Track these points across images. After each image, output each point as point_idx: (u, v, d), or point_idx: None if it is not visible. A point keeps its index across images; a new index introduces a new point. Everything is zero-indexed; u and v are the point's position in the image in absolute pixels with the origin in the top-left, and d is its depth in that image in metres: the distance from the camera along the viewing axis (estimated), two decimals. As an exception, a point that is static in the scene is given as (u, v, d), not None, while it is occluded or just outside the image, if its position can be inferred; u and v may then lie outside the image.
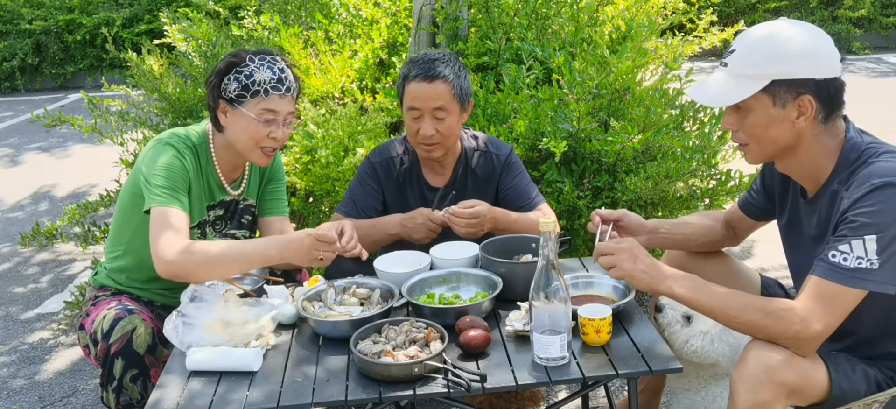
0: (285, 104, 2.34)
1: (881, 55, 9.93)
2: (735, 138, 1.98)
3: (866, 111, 7.06)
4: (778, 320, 1.82)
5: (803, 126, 1.88)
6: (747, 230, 2.37)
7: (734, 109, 1.93)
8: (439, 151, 2.60)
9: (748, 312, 1.86)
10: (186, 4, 7.94)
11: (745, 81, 1.87)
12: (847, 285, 1.78)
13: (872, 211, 1.77)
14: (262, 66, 2.31)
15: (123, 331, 2.20)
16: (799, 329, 1.80)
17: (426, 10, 3.71)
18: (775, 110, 1.87)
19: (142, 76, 4.31)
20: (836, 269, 1.79)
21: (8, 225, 5.49)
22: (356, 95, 3.80)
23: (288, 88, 2.33)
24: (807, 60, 1.84)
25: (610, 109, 3.42)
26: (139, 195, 2.32)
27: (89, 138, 5.02)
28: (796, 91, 1.85)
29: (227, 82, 2.31)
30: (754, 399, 1.81)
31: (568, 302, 1.87)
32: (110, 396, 2.23)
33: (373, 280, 2.31)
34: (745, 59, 1.88)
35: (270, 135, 2.33)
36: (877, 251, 1.76)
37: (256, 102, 2.30)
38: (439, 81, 2.49)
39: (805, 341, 1.81)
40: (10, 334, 3.85)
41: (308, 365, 1.98)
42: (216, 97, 2.35)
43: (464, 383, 1.81)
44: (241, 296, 2.27)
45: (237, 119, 2.33)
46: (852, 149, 1.90)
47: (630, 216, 2.31)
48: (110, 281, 2.50)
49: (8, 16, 10.51)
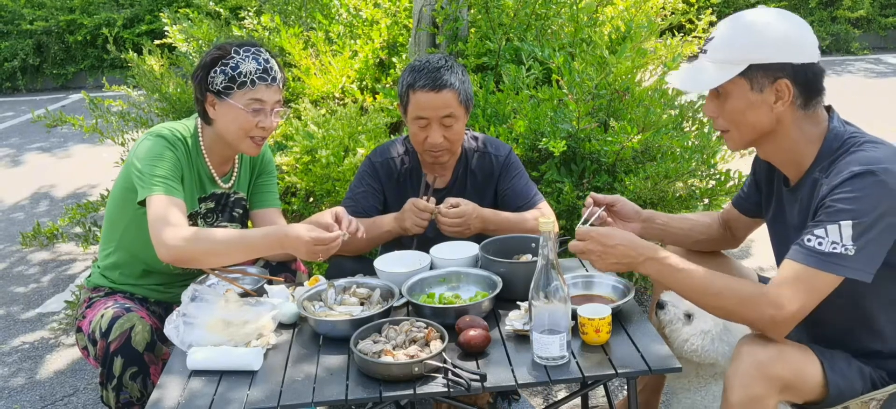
0: (272, 93, 2.36)
1: (880, 55, 9.93)
2: (717, 126, 2.01)
3: (865, 111, 7.08)
4: (752, 306, 1.84)
5: (782, 111, 1.90)
6: (744, 230, 2.37)
7: (714, 96, 1.96)
8: (446, 157, 2.61)
9: (724, 297, 1.88)
10: (187, 5, 7.95)
11: (724, 66, 1.90)
12: (821, 268, 1.79)
13: (850, 197, 1.78)
14: (247, 57, 2.33)
15: (122, 329, 2.20)
16: (773, 313, 1.81)
17: (426, 11, 3.72)
18: (753, 95, 1.89)
19: (143, 76, 4.32)
20: (811, 253, 1.80)
21: (9, 225, 5.49)
22: (356, 96, 3.80)
23: (274, 78, 2.36)
24: (784, 46, 1.87)
25: (609, 109, 3.42)
26: (130, 189, 2.33)
27: (90, 138, 5.03)
28: (773, 75, 1.87)
29: (214, 75, 2.34)
30: (747, 394, 1.82)
31: (568, 302, 1.87)
32: (110, 394, 2.23)
33: (373, 280, 2.31)
34: (724, 45, 1.91)
35: (259, 124, 2.36)
36: (852, 237, 1.77)
37: (244, 92, 2.33)
38: (447, 89, 2.50)
39: (780, 323, 1.82)
40: (10, 334, 3.86)
41: (308, 365, 1.99)
42: (203, 90, 2.37)
43: (464, 382, 1.81)
44: (241, 296, 2.28)
45: (225, 111, 2.35)
46: (835, 138, 1.91)
47: (624, 202, 2.32)
48: (104, 280, 2.51)
49: (9, 16, 10.51)
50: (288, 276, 2.56)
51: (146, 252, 2.35)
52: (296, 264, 2.63)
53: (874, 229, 1.77)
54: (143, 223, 2.27)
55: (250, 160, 2.61)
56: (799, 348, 1.92)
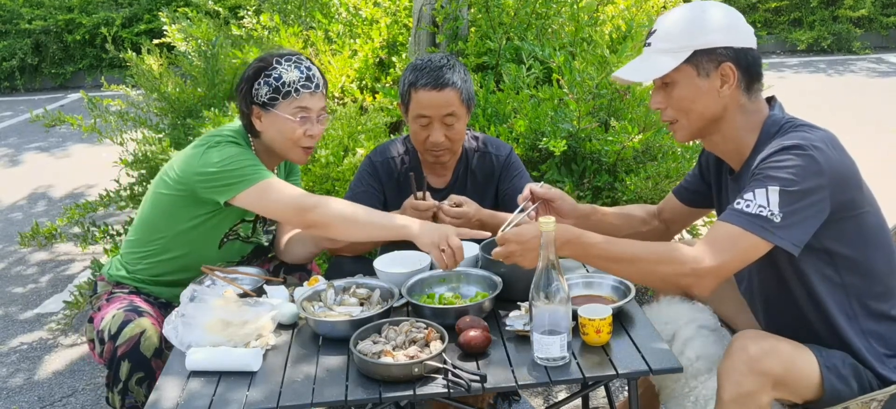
0: (316, 101, 2.38)
1: (881, 55, 9.92)
2: (664, 117, 2.05)
3: (866, 111, 7.08)
4: (670, 262, 1.86)
5: (727, 95, 1.94)
6: (682, 222, 2.42)
7: (661, 87, 2.00)
8: (448, 156, 2.60)
9: (641, 259, 1.90)
10: (186, 4, 7.94)
11: (669, 56, 1.95)
12: (746, 228, 1.81)
13: (779, 165, 1.82)
14: (290, 66, 2.35)
15: (131, 334, 2.21)
16: (694, 267, 1.83)
17: (426, 10, 3.71)
18: (700, 81, 1.94)
19: (141, 76, 4.31)
20: (737, 213, 1.83)
21: (7, 225, 5.49)
22: (356, 95, 3.79)
23: (317, 85, 2.38)
24: (724, 31, 1.93)
25: (610, 108, 3.42)
26: (186, 196, 2.35)
27: (89, 138, 5.02)
28: (718, 60, 1.93)
29: (258, 87, 2.35)
30: (739, 390, 1.83)
31: (568, 302, 1.86)
32: (116, 397, 2.23)
33: (373, 280, 2.30)
34: (667, 36, 1.97)
35: (307, 133, 2.37)
36: (779, 204, 1.79)
37: (289, 102, 2.34)
38: (448, 88, 2.49)
39: (702, 276, 1.84)
40: (8, 334, 3.85)
41: (308, 365, 1.98)
42: (249, 103, 2.38)
43: (464, 383, 1.80)
44: (240, 296, 2.27)
45: (272, 121, 2.36)
46: (773, 124, 1.96)
47: (565, 199, 2.31)
48: (130, 278, 2.49)
49: (7, 15, 10.50)
50: (302, 276, 2.56)
51: (205, 250, 2.45)
52: (312, 266, 2.62)
53: (801, 202, 1.80)
54: (203, 225, 2.36)
55: (285, 164, 2.63)
56: (793, 344, 1.92)
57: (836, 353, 1.94)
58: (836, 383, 1.89)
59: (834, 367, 1.91)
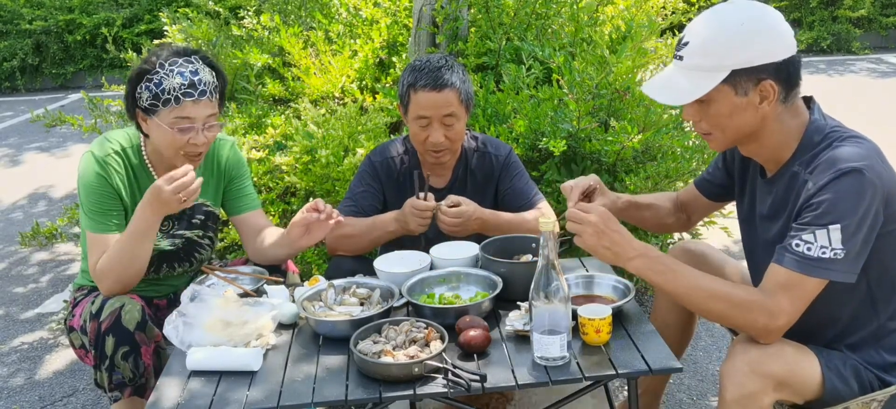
0: (201, 109, 2.26)
1: (881, 55, 9.92)
2: (698, 129, 1.96)
3: (866, 111, 7.08)
4: (746, 312, 1.83)
5: (767, 110, 1.86)
6: (701, 213, 2.38)
7: (696, 102, 1.89)
8: (447, 156, 2.61)
9: (715, 301, 1.87)
10: (186, 4, 7.93)
11: (704, 75, 1.84)
12: (810, 275, 1.78)
13: (837, 199, 1.76)
14: (172, 71, 2.23)
15: (112, 308, 2.19)
16: (766, 322, 1.81)
17: (426, 10, 3.71)
18: (738, 99, 1.85)
19: (141, 76, 4.30)
20: (799, 258, 1.79)
21: (7, 225, 5.49)
22: (356, 95, 3.80)
23: (202, 93, 2.25)
24: (763, 45, 1.81)
25: (610, 108, 3.42)
26: None
27: (89, 138, 5.01)
28: (757, 78, 1.82)
29: (140, 91, 2.26)
30: (741, 392, 1.82)
31: (568, 302, 1.86)
32: (104, 376, 2.22)
33: (373, 280, 2.30)
34: (701, 51, 1.84)
35: (190, 141, 2.27)
36: (841, 241, 1.76)
37: (169, 110, 2.23)
38: (448, 89, 2.49)
39: (772, 332, 1.83)
40: (9, 334, 3.85)
41: (308, 365, 1.98)
42: (132, 106, 2.30)
43: (464, 383, 1.80)
44: (241, 296, 2.27)
45: (154, 128, 2.28)
46: (816, 131, 1.89)
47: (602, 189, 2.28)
48: (90, 282, 2.47)
49: (8, 16, 10.50)
50: (277, 276, 2.51)
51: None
52: (286, 265, 2.60)
53: (860, 232, 1.77)
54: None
55: (215, 167, 2.52)
56: (794, 345, 1.91)
57: (836, 352, 1.94)
58: (837, 383, 1.89)
59: (835, 368, 1.90)
